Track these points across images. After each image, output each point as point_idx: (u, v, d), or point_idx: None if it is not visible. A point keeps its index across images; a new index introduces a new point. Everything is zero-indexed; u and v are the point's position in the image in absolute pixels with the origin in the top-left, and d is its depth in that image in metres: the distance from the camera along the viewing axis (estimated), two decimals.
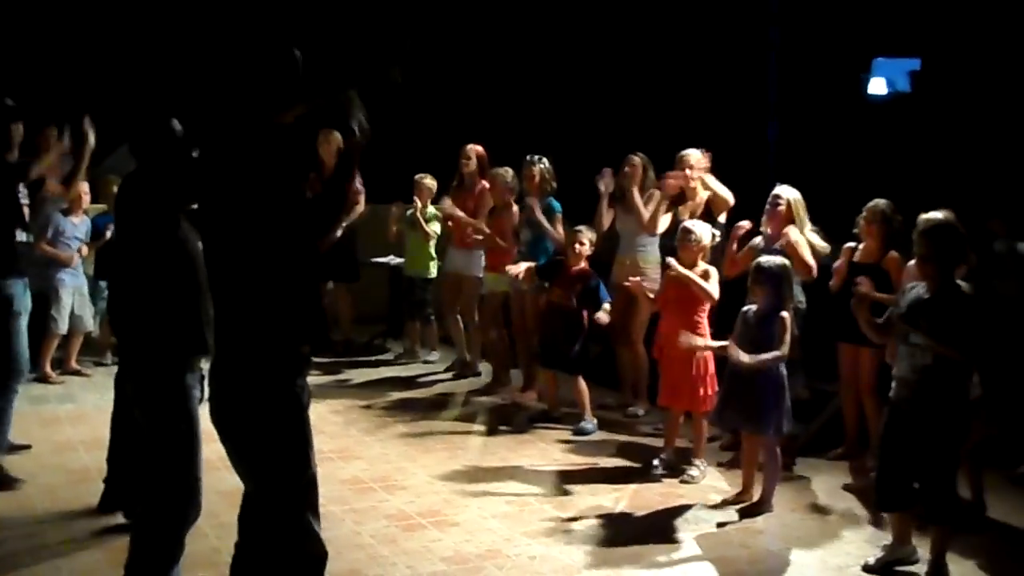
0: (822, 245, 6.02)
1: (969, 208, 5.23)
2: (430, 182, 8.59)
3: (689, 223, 6.03)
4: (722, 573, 4.57)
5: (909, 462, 4.41)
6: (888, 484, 4.49)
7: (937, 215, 4.39)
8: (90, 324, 7.78)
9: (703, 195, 6.77)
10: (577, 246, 6.78)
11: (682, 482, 5.73)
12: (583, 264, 6.81)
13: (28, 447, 5.69)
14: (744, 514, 5.24)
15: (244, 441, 3.02)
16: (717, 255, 6.17)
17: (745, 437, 5.49)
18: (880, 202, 5.94)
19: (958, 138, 11.78)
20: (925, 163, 11.53)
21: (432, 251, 8.69)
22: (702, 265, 5.86)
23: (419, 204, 8.54)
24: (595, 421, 6.77)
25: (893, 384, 4.50)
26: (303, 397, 3.06)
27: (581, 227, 6.93)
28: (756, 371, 5.16)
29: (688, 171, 6.69)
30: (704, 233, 5.89)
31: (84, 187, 7.41)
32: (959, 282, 4.35)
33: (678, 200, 6.85)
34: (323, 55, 3.41)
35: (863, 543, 4.89)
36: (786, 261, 5.46)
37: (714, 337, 5.79)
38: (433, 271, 8.68)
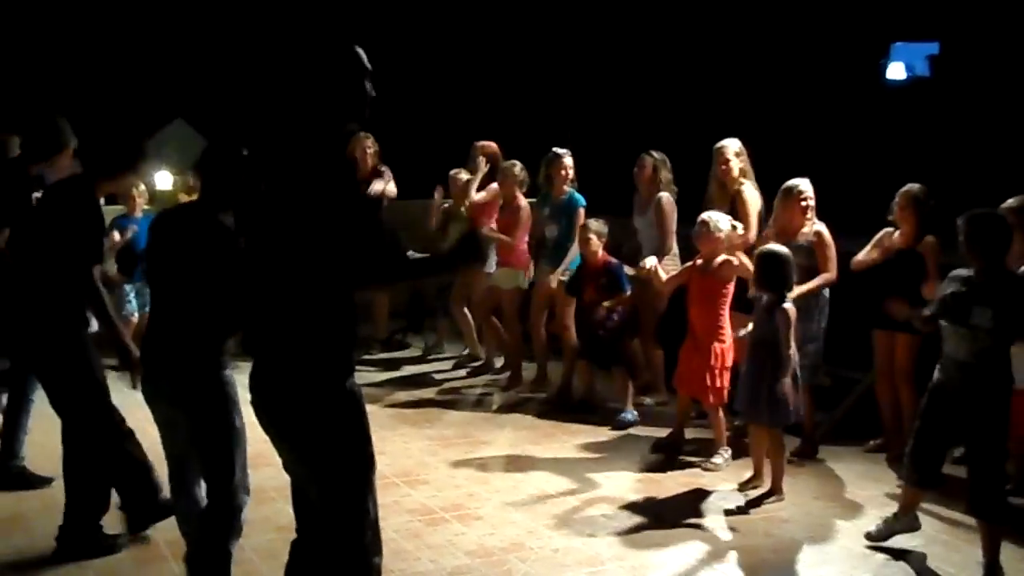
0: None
1: (990, 194, 5.18)
2: (465, 176, 8.27)
3: (704, 215, 5.90)
4: (746, 562, 4.56)
5: (947, 444, 4.52)
6: (925, 463, 4.50)
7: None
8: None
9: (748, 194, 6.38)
10: (587, 244, 6.75)
11: (704, 470, 5.75)
12: (600, 256, 6.76)
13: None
14: (755, 503, 5.25)
15: (304, 446, 2.98)
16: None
17: (751, 424, 5.52)
18: (913, 186, 5.80)
19: (978, 122, 11.68)
20: (945, 148, 11.44)
21: None
22: (723, 256, 5.78)
23: (455, 201, 8.43)
24: (635, 412, 6.74)
25: (939, 366, 4.45)
26: (358, 395, 3.02)
27: (587, 221, 6.89)
28: (760, 361, 5.21)
29: (725, 164, 6.39)
30: (721, 221, 5.82)
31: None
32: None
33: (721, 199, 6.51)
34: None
35: None
36: (782, 249, 5.33)
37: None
38: None
